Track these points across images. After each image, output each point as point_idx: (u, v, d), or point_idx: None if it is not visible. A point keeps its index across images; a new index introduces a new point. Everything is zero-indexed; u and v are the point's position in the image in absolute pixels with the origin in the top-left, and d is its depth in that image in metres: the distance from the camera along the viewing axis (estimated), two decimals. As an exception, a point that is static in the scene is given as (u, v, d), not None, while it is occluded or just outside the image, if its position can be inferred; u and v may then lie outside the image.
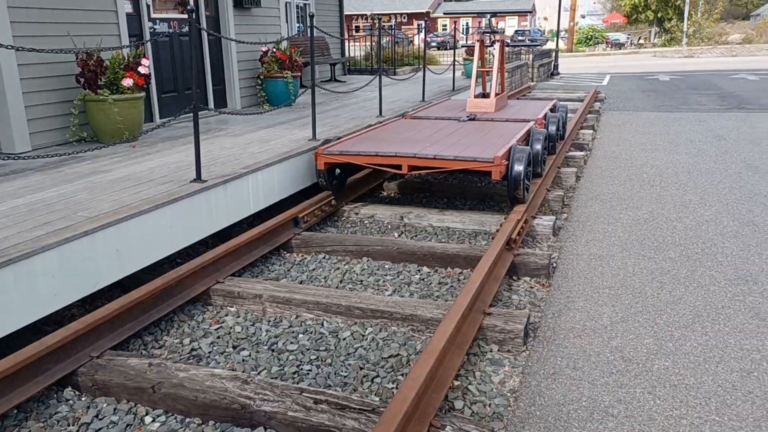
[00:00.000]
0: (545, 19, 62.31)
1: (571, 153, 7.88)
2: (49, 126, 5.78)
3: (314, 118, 6.15)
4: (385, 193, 6.45)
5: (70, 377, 2.92)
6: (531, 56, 18.59)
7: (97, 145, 5.17)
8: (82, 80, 5.74)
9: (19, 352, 2.76)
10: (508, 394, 2.83)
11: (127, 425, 2.64)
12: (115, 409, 2.75)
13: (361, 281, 4.18)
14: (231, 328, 3.51)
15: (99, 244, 3.41)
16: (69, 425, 2.65)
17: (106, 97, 5.70)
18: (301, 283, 4.18)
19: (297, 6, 11.88)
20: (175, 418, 2.67)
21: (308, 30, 6.16)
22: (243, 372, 2.98)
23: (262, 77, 8.72)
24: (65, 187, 4.33)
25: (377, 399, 2.77)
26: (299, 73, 8.81)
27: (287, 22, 10.99)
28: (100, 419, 2.68)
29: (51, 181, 4.54)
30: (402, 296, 3.91)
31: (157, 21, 7.34)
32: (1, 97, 5.34)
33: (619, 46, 44.88)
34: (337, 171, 5.64)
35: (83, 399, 2.84)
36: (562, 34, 40.36)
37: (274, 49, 8.60)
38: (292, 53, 8.72)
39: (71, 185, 4.40)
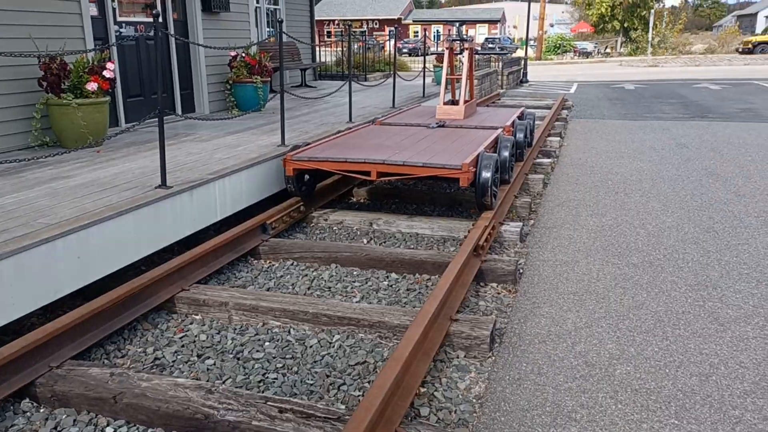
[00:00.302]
0: (515, 27, 63.15)
1: (538, 160, 7.99)
2: (9, 130, 5.64)
3: (283, 124, 6.12)
4: (354, 199, 6.45)
5: (28, 388, 2.85)
6: (501, 64, 18.81)
7: (60, 150, 5.07)
8: (44, 84, 5.61)
9: (-27, 363, 2.68)
10: (474, 400, 2.85)
11: (87, 437, 2.58)
12: (74, 420, 2.69)
13: (330, 288, 4.17)
14: (196, 336, 3.47)
15: (59, 251, 3.34)
16: (26, 438, 2.59)
17: (70, 102, 5.59)
18: (268, 290, 4.15)
19: (267, 11, 11.83)
20: (137, 428, 2.62)
21: (278, 35, 6.14)
22: (207, 381, 2.94)
23: (231, 82, 8.64)
24: (25, 193, 4.23)
25: (343, 407, 2.76)
26: (269, 79, 8.76)
27: (257, 26, 10.94)
28: (59, 431, 2.62)
29: (11, 186, 4.43)
30: (370, 303, 3.90)
31: (124, 24, 7.23)
32: (-41, 100, 5.20)
33: (587, 54, 45.71)
34: (306, 177, 5.62)
35: (41, 410, 2.77)
36: (531, 42, 40.98)
37: (243, 54, 8.55)
38: (262, 58, 8.67)
39: (32, 191, 4.30)
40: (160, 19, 7.71)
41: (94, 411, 2.73)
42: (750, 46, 39.65)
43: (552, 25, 61.11)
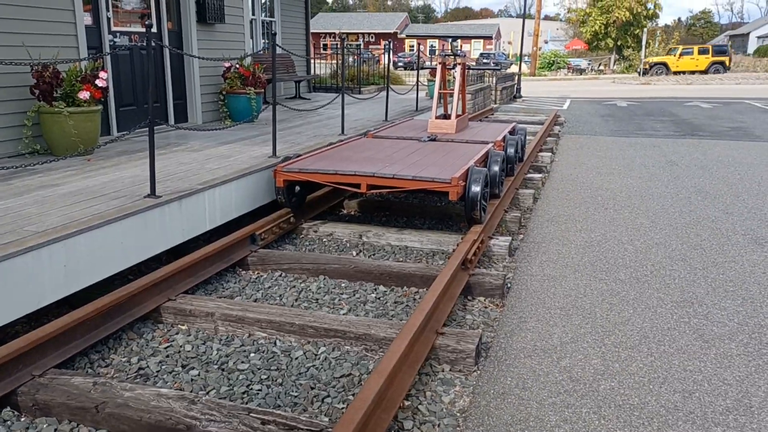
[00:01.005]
0: (509, 43, 63.70)
1: (529, 175, 8.04)
2: (0, 137, 5.63)
3: (275, 135, 6.14)
4: (345, 212, 6.46)
5: (9, 397, 2.82)
6: (494, 79, 18.96)
7: (50, 158, 5.05)
8: (36, 92, 5.62)
9: (-45, 371, 2.66)
10: (458, 414, 2.85)
11: (67, 447, 2.56)
12: (55, 429, 2.67)
13: (317, 300, 4.17)
14: (181, 346, 3.45)
15: (45, 259, 3.33)
16: (5, 447, 2.57)
17: (62, 110, 5.59)
18: (255, 301, 4.14)
19: (263, 23, 11.90)
20: (118, 439, 2.61)
21: (271, 47, 6.17)
22: (191, 392, 2.92)
23: (224, 93, 8.67)
24: (14, 201, 4.22)
25: (326, 419, 2.75)
26: (262, 90, 8.79)
27: (252, 38, 10.99)
28: (39, 441, 2.60)
29: (-1, 193, 4.42)
30: (357, 315, 3.90)
31: (118, 34, 7.25)
32: (-50, 107, 5.20)
33: (580, 71, 46.12)
34: (297, 188, 5.63)
35: (22, 420, 2.75)
36: (525, 58, 41.33)
37: (238, 65, 8.58)
38: (256, 70, 8.71)
39: (20, 198, 4.29)
40: (154, 30, 7.74)
41: (76, 420, 2.72)
42: (647, 66, 40.49)
43: (546, 42, 61.65)
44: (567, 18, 62.27)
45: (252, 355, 3.35)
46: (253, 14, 11.34)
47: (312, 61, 14.81)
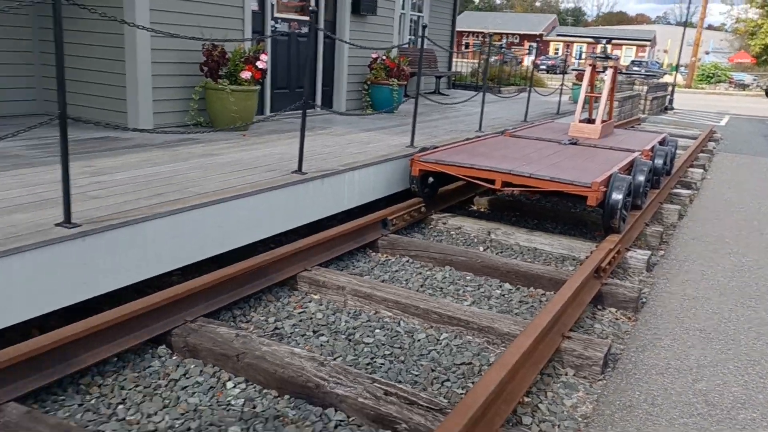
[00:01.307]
0: (665, 51, 59.69)
1: (676, 190, 7.55)
2: (170, 108, 6.25)
3: (414, 126, 6.27)
4: (474, 207, 6.46)
5: (165, 337, 3.16)
6: (645, 88, 17.91)
7: (211, 131, 5.55)
8: (205, 69, 6.16)
9: (123, 306, 3.02)
10: (579, 419, 2.78)
11: (211, 387, 2.82)
12: (201, 371, 2.95)
13: (441, 288, 4.23)
14: (313, 314, 3.66)
15: (206, 218, 3.67)
16: (160, 379, 2.88)
17: (225, 87, 6.09)
18: (383, 281, 4.28)
19: (411, 18, 12.12)
20: (254, 387, 2.83)
21: (419, 41, 6.30)
22: (320, 355, 3.10)
23: (368, 83, 8.97)
24: (180, 165, 4.68)
25: (446, 401, 2.80)
26: (405, 82, 9.00)
27: (399, 32, 11.24)
28: (187, 378, 2.89)
29: (168, 157, 4.91)
30: (480, 308, 3.91)
31: (279, 20, 7.74)
32: (133, 78, 5.84)
33: (743, 87, 42.22)
34: (430, 179, 5.72)
35: (174, 358, 3.07)
36: (681, 68, 38.53)
37: (384, 57, 8.84)
38: (401, 62, 8.92)
39: (185, 163, 4.74)
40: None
41: (219, 365, 2.98)
42: None
43: (707, 53, 57.11)
44: (734, 29, 57.27)
45: (377, 331, 3.48)
46: (403, 8, 11.58)
47: (453, 58, 14.86)
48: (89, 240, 3.03)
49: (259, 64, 6.25)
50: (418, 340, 3.40)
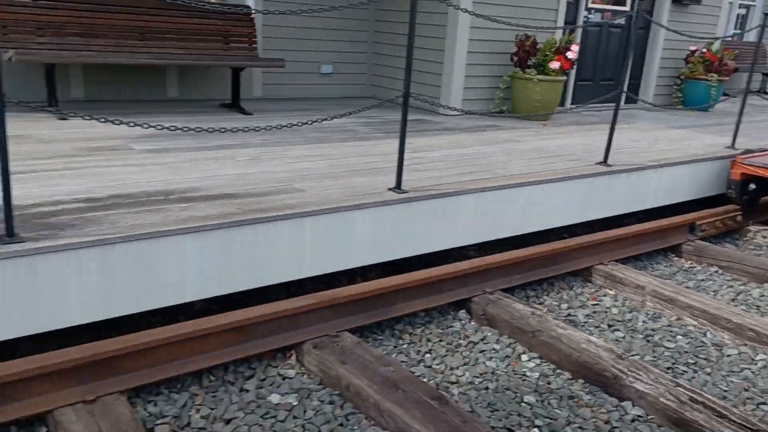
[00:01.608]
0: None
1: None
2: (478, 96, 6.60)
3: (738, 125, 5.61)
4: (806, 225, 5.54)
5: (465, 302, 3.42)
6: None
7: (513, 118, 5.73)
8: (515, 59, 6.35)
9: (432, 269, 3.36)
10: None
11: (507, 356, 2.99)
12: (497, 339, 3.14)
13: (758, 307, 3.76)
14: (608, 308, 3.59)
15: (510, 198, 3.85)
16: (460, 339, 3.14)
17: (532, 77, 6.21)
18: (686, 288, 3.97)
19: (739, 6, 10.73)
20: (548, 365, 2.92)
21: (755, 31, 5.58)
22: (618, 349, 3.04)
23: (682, 77, 8.25)
24: (485, 148, 4.95)
25: (763, 425, 2.53)
26: (726, 78, 8.05)
27: (726, 23, 10.05)
28: (485, 343, 3.10)
29: (474, 141, 5.23)
30: (810, 337, 3.38)
31: (592, 11, 7.56)
32: (449, 67, 6.30)
33: None
34: (752, 186, 5.08)
35: (472, 323, 3.31)
36: None
37: (704, 50, 8.02)
38: (724, 56, 8.00)
39: (490, 147, 5.00)
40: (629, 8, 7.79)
41: (514, 338, 3.13)
42: None
43: None
44: None
45: (679, 337, 3.27)
46: (731, -4, 10.31)
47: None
48: (414, 205, 3.43)
49: (570, 54, 6.22)
50: (728, 356, 3.11)
